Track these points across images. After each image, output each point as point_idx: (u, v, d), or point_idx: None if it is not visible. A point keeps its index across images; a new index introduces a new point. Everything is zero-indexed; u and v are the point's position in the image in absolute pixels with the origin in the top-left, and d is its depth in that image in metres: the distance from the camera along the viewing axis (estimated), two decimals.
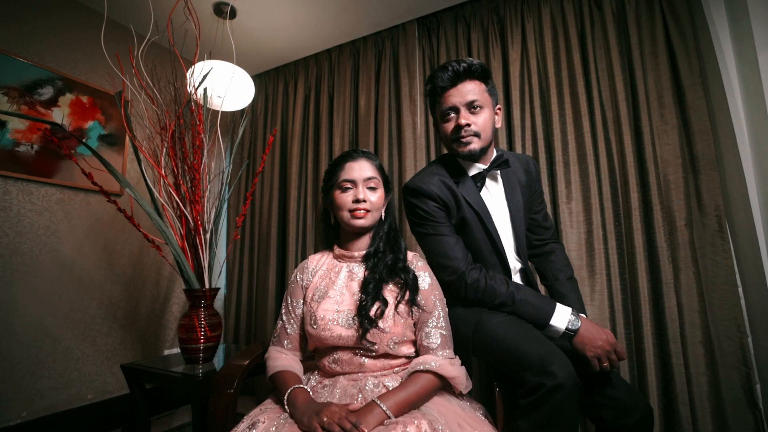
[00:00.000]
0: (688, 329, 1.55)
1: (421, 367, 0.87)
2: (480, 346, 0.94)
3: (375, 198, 1.00)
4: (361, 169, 1.00)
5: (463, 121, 1.04)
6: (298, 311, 1.00)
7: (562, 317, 0.94)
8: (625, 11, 1.80)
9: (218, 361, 1.53)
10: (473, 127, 1.04)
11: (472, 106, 1.04)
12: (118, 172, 1.29)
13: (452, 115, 1.07)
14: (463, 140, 1.05)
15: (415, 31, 2.27)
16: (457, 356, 0.95)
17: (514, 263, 1.11)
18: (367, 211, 0.98)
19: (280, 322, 1.02)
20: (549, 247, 1.22)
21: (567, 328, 0.92)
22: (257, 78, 2.82)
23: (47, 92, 1.90)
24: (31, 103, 1.85)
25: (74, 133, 1.99)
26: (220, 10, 2.15)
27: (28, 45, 1.86)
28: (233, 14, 2.19)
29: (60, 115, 1.95)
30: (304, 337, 1.00)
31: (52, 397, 1.81)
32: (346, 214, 0.98)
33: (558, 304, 0.96)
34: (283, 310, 1.02)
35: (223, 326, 2.63)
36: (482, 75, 1.06)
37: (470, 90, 1.04)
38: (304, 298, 1.00)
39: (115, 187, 2.11)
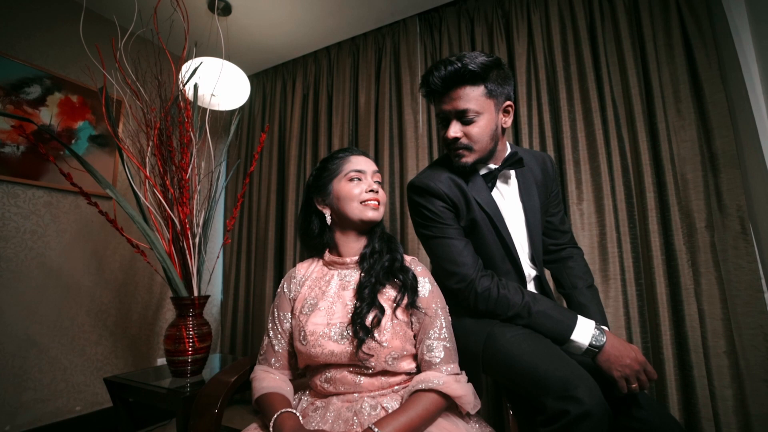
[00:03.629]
0: (711, 338, 1.44)
1: (423, 386, 0.77)
2: (491, 363, 0.85)
3: (383, 193, 0.93)
4: (367, 163, 0.95)
5: (451, 134, 0.94)
6: (286, 325, 0.91)
7: (584, 332, 0.84)
8: (637, 1, 1.71)
9: (211, 371, 1.45)
10: (463, 140, 0.94)
11: (463, 116, 0.92)
12: (98, 172, 1.21)
13: (443, 123, 0.98)
14: (454, 153, 0.96)
15: (417, 26, 2.19)
16: (464, 371, 0.85)
17: (529, 270, 1.02)
18: (379, 203, 0.91)
19: (266, 339, 0.93)
20: (566, 252, 1.12)
21: (591, 344, 0.82)
22: (255, 77, 2.75)
23: (34, 91, 1.83)
24: (18, 102, 1.77)
25: (63, 133, 1.92)
26: (214, 6, 2.07)
27: (15, 42, 1.79)
28: (228, 10, 2.12)
29: (48, 114, 1.87)
30: (293, 353, 0.91)
31: (38, 409, 1.73)
32: (356, 206, 0.89)
33: (580, 317, 0.86)
34: (270, 325, 0.93)
35: (217, 334, 2.56)
36: (476, 77, 0.91)
37: (461, 97, 0.91)
38: (292, 311, 0.91)
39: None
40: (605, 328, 0.87)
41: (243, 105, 2.59)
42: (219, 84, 1.85)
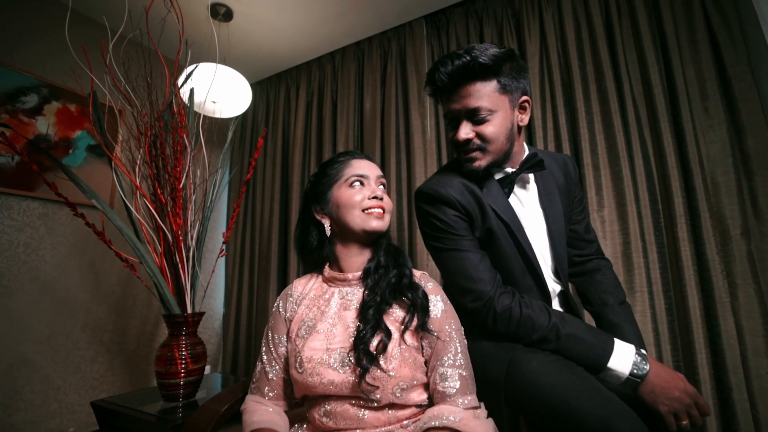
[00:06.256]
0: (752, 357, 1.31)
1: (437, 423, 0.67)
2: (515, 394, 0.73)
3: (388, 200, 0.84)
4: (371, 167, 0.85)
5: (462, 136, 0.84)
6: (282, 350, 0.81)
7: (624, 358, 0.72)
8: None
9: (209, 393, 1.36)
10: (476, 141, 0.84)
11: (475, 115, 0.83)
12: (82, 182, 1.14)
13: (452, 124, 0.88)
14: (466, 156, 0.87)
15: (423, 28, 2.12)
16: (482, 403, 0.75)
17: (553, 285, 0.90)
18: (384, 211, 0.82)
19: (259, 365, 0.82)
20: (593, 263, 1.01)
21: (632, 373, 0.71)
22: (258, 85, 2.70)
23: (31, 100, 1.79)
24: (13, 111, 1.73)
25: (60, 143, 1.87)
26: (215, 12, 2.02)
27: (12, 50, 1.75)
28: (229, 16, 2.07)
29: (45, 124, 1.83)
30: (290, 381, 0.81)
31: (29, 431, 1.64)
32: (358, 215, 0.79)
33: (617, 341, 0.75)
34: (264, 349, 0.83)
35: (218, 350, 2.46)
36: (488, 71, 0.81)
37: (472, 94, 0.82)
38: (287, 334, 0.81)
39: (104, 200, 1.98)
40: (644, 351, 0.75)
41: (245, 113, 2.54)
42: (220, 91, 1.79)
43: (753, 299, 1.33)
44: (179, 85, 1.28)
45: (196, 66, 1.44)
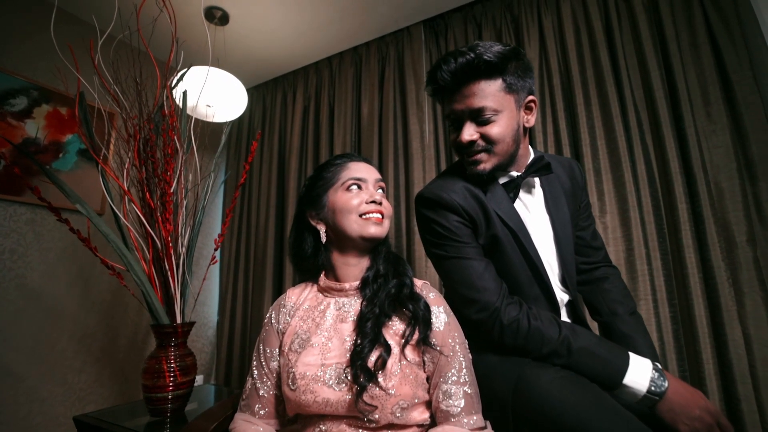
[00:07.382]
0: (760, 367, 1.27)
1: None
2: (524, 412, 0.69)
3: (387, 204, 0.80)
4: (369, 170, 0.81)
5: (465, 138, 0.80)
6: (273, 364, 0.76)
7: (640, 374, 0.68)
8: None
9: (201, 405, 1.30)
10: (481, 143, 0.81)
11: (479, 116, 0.79)
12: (66, 186, 1.09)
13: (454, 125, 0.84)
14: (469, 159, 0.83)
15: (422, 34, 2.10)
16: (488, 422, 0.70)
17: (561, 295, 0.86)
18: (383, 216, 0.78)
19: (249, 380, 0.78)
20: (601, 271, 0.97)
21: (649, 391, 0.67)
22: (254, 90, 2.67)
23: (20, 103, 1.74)
24: (1, 114, 1.68)
25: (50, 147, 1.82)
26: (211, 15, 2.00)
27: (2, 52, 1.71)
28: (225, 20, 2.04)
29: (34, 127, 1.78)
30: (282, 398, 0.76)
31: None
32: (355, 220, 0.75)
33: (632, 356, 0.70)
34: (254, 364, 0.78)
35: (212, 360, 2.40)
36: (493, 69, 0.77)
37: (476, 93, 0.78)
38: (280, 347, 0.77)
39: (95, 206, 1.93)
40: (660, 366, 0.71)
41: (242, 117, 2.50)
42: (215, 94, 1.75)
43: (760, 307, 1.30)
44: (171, 87, 1.24)
45: (189, 67, 1.40)
